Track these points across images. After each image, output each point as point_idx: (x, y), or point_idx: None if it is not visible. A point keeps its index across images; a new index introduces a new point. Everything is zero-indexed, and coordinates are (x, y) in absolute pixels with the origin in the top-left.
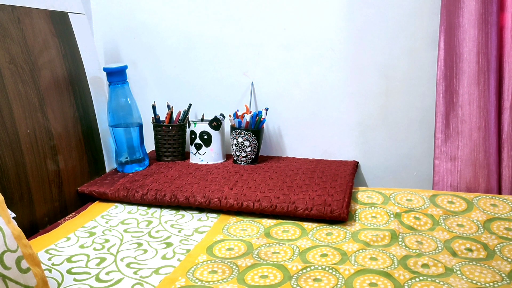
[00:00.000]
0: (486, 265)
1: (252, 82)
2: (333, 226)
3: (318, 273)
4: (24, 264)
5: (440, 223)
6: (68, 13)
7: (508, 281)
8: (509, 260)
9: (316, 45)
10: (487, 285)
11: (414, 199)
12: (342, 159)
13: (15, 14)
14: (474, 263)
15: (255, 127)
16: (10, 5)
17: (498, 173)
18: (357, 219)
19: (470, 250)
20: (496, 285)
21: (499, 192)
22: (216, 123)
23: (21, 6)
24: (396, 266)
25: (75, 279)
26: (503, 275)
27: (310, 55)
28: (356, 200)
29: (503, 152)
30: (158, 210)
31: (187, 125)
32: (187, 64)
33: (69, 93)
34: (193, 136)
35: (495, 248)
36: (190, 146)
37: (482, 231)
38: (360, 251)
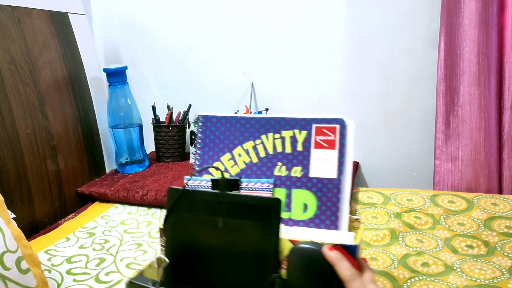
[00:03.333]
0: (487, 261)
1: (252, 83)
2: None
3: None
4: (24, 264)
5: (440, 222)
6: (68, 14)
7: (508, 276)
8: (509, 256)
9: (316, 46)
10: (486, 281)
11: (415, 199)
12: None
13: (15, 14)
14: (474, 259)
15: None
16: (10, 5)
17: (499, 173)
18: None
19: (470, 247)
20: (495, 281)
21: (500, 192)
22: None
23: (21, 7)
24: (396, 266)
25: (74, 280)
26: (503, 270)
27: (310, 56)
28: (357, 201)
29: (503, 153)
30: (158, 210)
31: (187, 126)
32: (187, 65)
33: (69, 94)
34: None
35: (496, 245)
36: (190, 146)
37: (483, 229)
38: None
